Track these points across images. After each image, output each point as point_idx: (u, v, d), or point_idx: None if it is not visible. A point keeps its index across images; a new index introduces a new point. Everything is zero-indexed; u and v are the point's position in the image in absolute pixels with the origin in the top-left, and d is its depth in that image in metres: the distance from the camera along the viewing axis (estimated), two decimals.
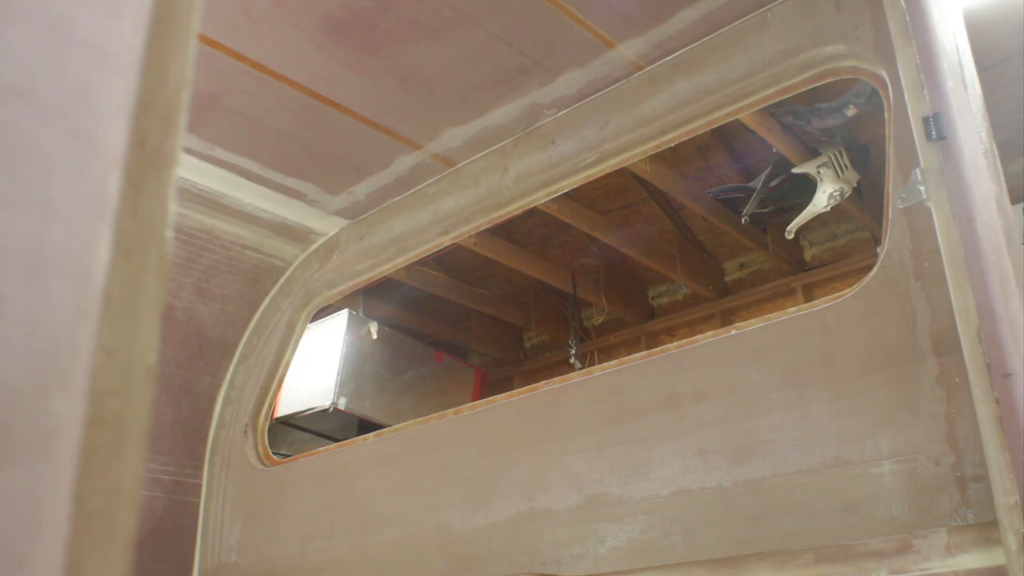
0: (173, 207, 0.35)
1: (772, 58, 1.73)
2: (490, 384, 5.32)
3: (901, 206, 1.43)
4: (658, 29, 1.85)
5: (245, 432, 2.59)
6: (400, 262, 2.43)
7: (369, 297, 4.66)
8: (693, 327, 5.00)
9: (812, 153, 3.73)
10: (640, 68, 1.96)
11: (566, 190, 2.13)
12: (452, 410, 2.19)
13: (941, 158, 1.36)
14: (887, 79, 1.51)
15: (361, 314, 4.58)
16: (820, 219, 4.08)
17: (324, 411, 4.30)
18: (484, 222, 2.22)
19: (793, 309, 1.67)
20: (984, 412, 1.23)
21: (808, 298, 4.58)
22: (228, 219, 2.47)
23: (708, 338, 1.74)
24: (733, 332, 1.70)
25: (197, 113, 2.09)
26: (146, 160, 0.33)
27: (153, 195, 0.34)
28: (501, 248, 4.31)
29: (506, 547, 1.87)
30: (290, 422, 4.49)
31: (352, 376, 4.40)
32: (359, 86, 2.02)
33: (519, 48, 1.90)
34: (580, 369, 4.44)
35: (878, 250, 1.69)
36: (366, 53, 1.91)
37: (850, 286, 1.58)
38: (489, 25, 1.79)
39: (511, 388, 4.97)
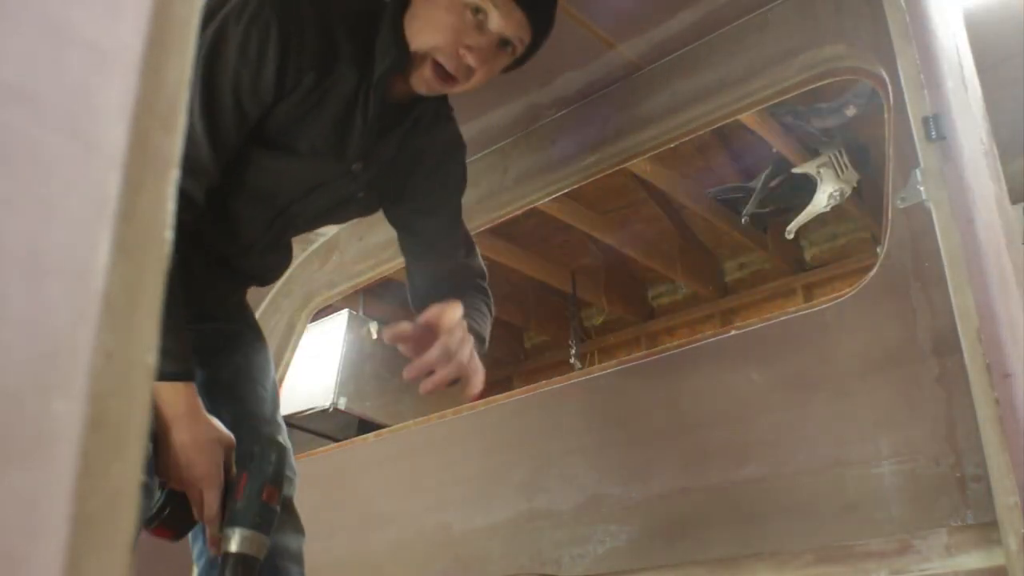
0: (173, 208, 0.35)
1: (772, 58, 1.72)
2: (490, 384, 5.32)
3: (901, 206, 1.43)
4: (658, 29, 1.85)
5: None
6: (400, 262, 2.43)
7: (369, 297, 4.66)
8: (693, 327, 5.00)
9: (812, 153, 3.74)
10: (640, 68, 1.95)
11: (566, 190, 2.13)
12: (452, 410, 2.18)
13: (941, 158, 1.36)
14: (887, 79, 1.51)
15: (361, 314, 4.58)
16: (820, 219, 4.08)
17: (324, 411, 4.30)
18: (484, 222, 2.22)
19: (793, 309, 1.67)
20: (984, 412, 1.23)
21: (808, 298, 4.58)
22: None
23: (708, 338, 1.74)
24: (733, 332, 1.70)
25: None
26: (146, 160, 0.33)
27: (153, 196, 0.34)
28: (501, 248, 4.31)
29: (506, 547, 1.87)
30: (290, 422, 4.49)
31: (352, 376, 4.40)
32: None
33: None
34: (580, 369, 4.44)
35: (878, 250, 1.69)
36: None
37: (850, 286, 1.58)
38: None
39: (511, 388, 4.96)
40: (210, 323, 1.47)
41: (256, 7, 1.19)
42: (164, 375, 1.16)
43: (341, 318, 4.47)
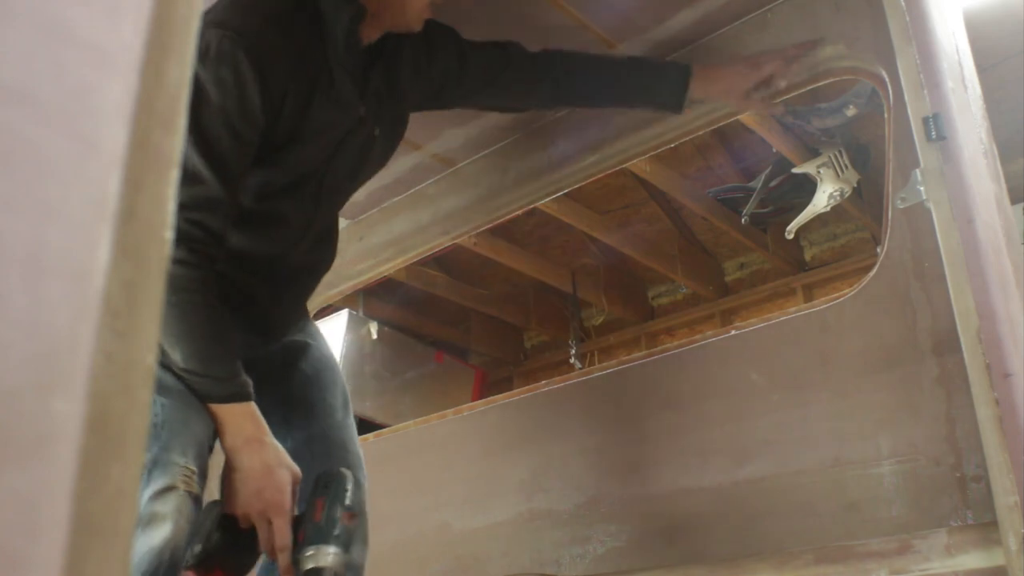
0: (173, 208, 0.35)
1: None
2: (490, 384, 5.32)
3: (901, 206, 1.43)
4: (658, 29, 1.85)
5: None
6: (400, 262, 2.43)
7: (369, 297, 4.66)
8: (693, 327, 4.99)
9: (812, 153, 3.73)
10: None
11: (566, 190, 2.13)
12: (452, 410, 2.18)
13: (941, 158, 1.36)
14: (887, 79, 1.51)
15: (361, 314, 4.58)
16: (820, 219, 4.08)
17: None
18: (484, 222, 2.22)
19: (793, 309, 1.67)
20: (984, 412, 1.23)
21: (808, 298, 4.57)
22: None
23: (708, 338, 1.74)
24: (733, 332, 1.70)
25: None
26: (146, 160, 0.33)
27: (153, 196, 0.34)
28: (501, 248, 4.31)
29: (506, 547, 1.87)
30: None
31: (352, 376, 4.40)
32: None
33: None
34: (580, 369, 4.43)
35: (878, 250, 1.69)
36: None
37: (850, 286, 1.58)
38: (489, 25, 1.79)
39: (511, 388, 4.96)
40: (278, 342, 1.50)
41: (217, 49, 1.20)
42: (221, 398, 1.17)
43: (341, 318, 4.46)
